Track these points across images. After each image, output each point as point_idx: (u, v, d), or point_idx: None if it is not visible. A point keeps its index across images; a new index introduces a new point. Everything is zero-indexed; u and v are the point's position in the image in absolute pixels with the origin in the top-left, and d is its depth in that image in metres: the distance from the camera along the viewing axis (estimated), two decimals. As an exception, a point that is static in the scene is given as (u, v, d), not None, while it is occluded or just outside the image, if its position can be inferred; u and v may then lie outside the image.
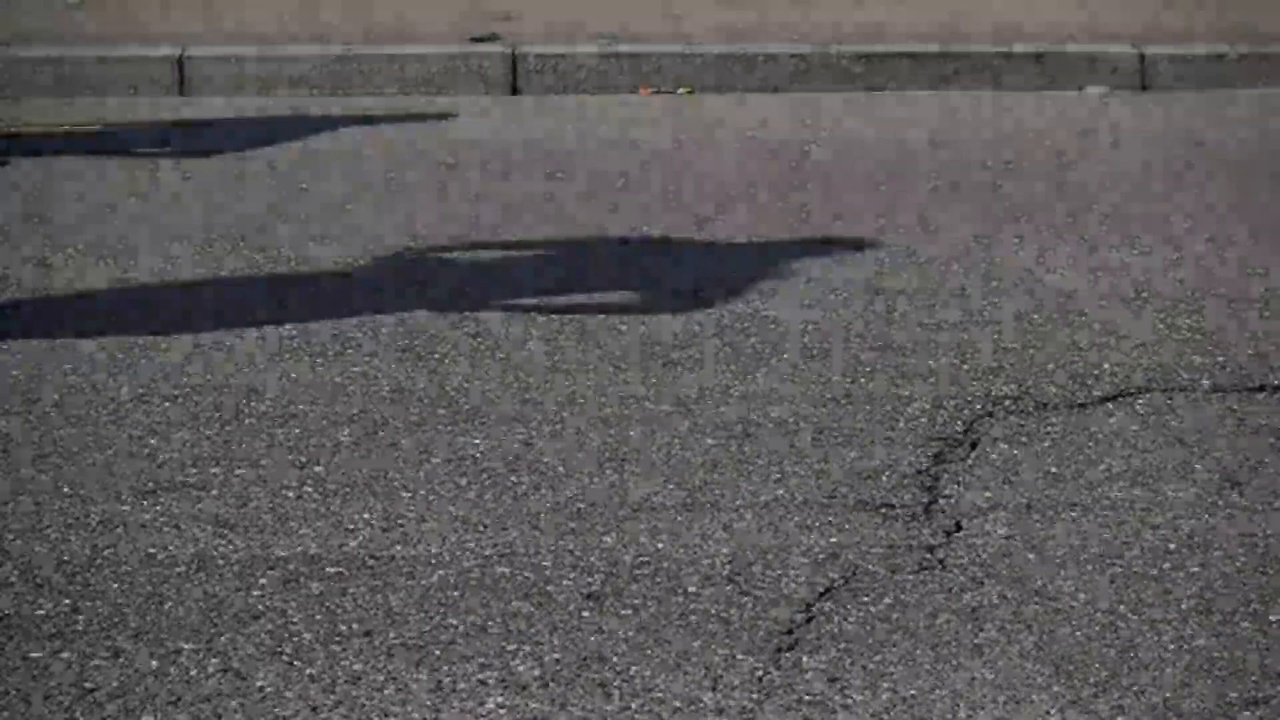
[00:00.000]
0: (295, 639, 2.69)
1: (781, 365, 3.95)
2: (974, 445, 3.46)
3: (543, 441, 3.49)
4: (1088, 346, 4.07)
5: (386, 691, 2.55)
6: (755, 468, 3.35)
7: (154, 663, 2.62)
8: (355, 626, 2.73)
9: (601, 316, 4.32)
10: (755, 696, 2.53)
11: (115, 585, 2.87)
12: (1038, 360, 3.97)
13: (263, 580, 2.89)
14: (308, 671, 2.60)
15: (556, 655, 2.64)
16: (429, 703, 2.51)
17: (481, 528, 3.09)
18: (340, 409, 3.68)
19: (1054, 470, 3.34)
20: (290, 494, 3.24)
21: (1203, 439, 3.49)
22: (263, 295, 4.51)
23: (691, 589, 2.85)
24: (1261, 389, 3.80)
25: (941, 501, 3.20)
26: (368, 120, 6.98)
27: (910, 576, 2.90)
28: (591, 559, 2.96)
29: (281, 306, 4.40)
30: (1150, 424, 3.59)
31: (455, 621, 2.75)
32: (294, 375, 3.90)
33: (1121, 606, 2.79)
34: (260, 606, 2.80)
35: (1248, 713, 2.49)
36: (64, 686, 2.56)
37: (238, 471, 3.34)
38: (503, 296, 4.50)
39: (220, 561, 2.96)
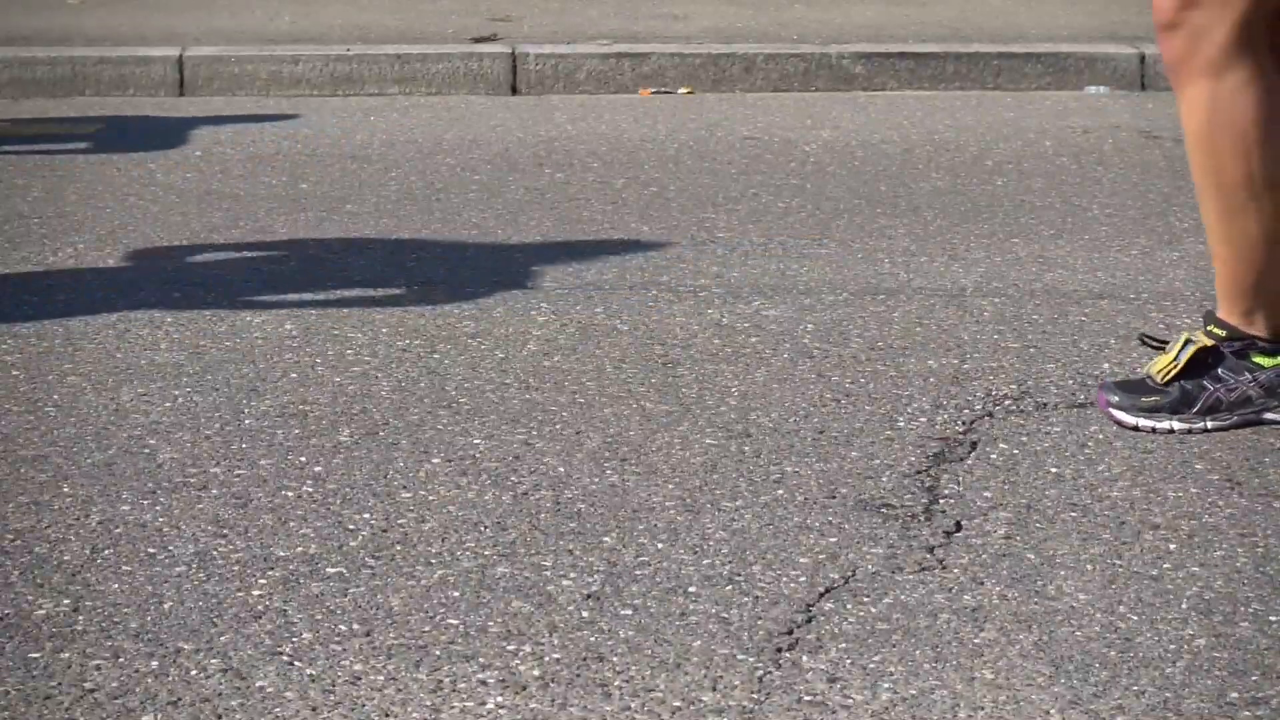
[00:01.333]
0: (295, 639, 2.69)
1: (781, 365, 3.95)
2: (974, 445, 3.46)
3: (543, 441, 3.49)
4: (1088, 346, 4.08)
5: (386, 691, 2.55)
6: (755, 468, 3.35)
7: (154, 663, 2.62)
8: (355, 626, 2.73)
9: (601, 316, 4.32)
10: (755, 696, 2.53)
11: (115, 585, 2.87)
12: (1038, 360, 3.97)
13: (263, 580, 2.89)
14: (308, 671, 2.60)
15: (556, 655, 2.64)
16: (429, 703, 2.51)
17: (482, 528, 3.09)
18: (340, 409, 3.68)
19: (1054, 470, 3.34)
20: (290, 494, 3.24)
21: (1203, 439, 3.48)
22: (263, 294, 4.52)
23: (691, 589, 2.85)
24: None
25: (941, 501, 3.20)
26: (367, 119, 6.99)
27: (910, 576, 2.90)
28: (591, 559, 2.96)
29: (281, 306, 4.41)
30: (1150, 424, 3.59)
31: (455, 621, 2.75)
32: (294, 375, 3.90)
33: (1121, 606, 2.79)
34: (260, 606, 2.80)
35: (1247, 713, 2.49)
36: (64, 686, 2.56)
37: (238, 471, 3.34)
38: (503, 296, 4.50)
39: (220, 561, 2.96)
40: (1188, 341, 3.53)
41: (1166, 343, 3.66)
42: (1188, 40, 3.34)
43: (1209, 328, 3.53)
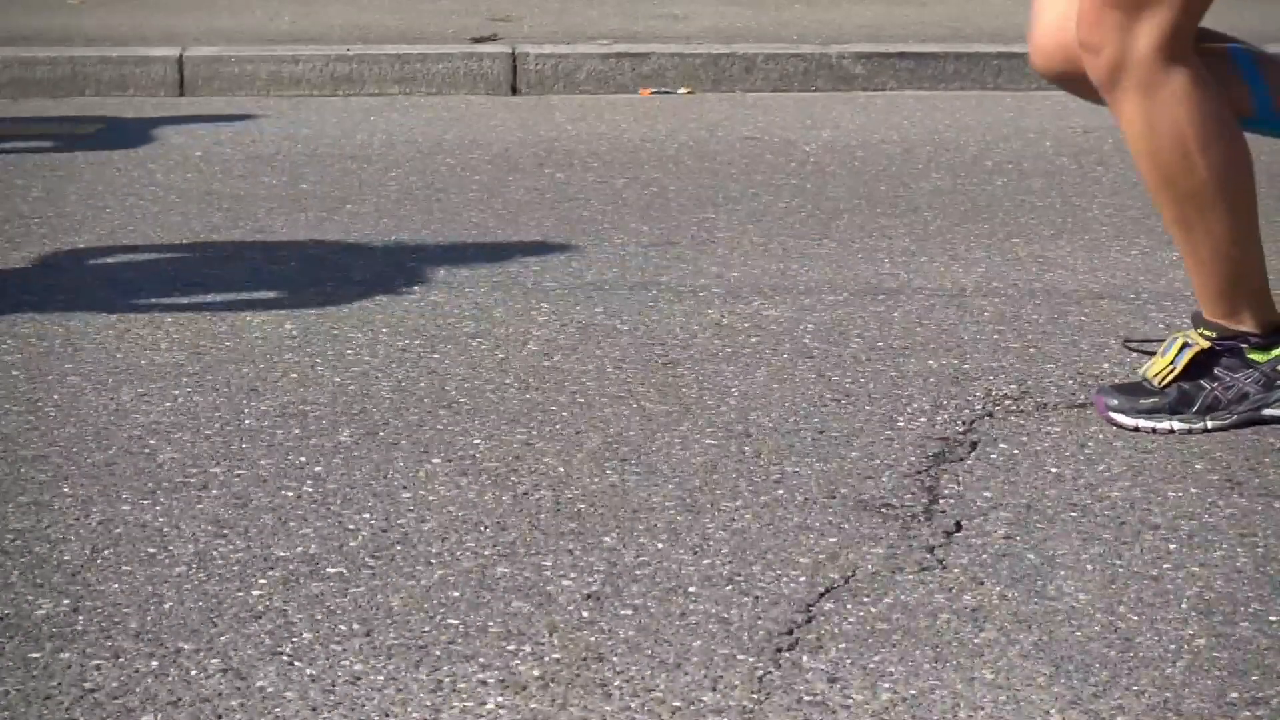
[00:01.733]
0: (295, 639, 2.69)
1: (781, 365, 3.95)
2: (974, 445, 3.46)
3: (543, 441, 3.49)
4: (1088, 346, 4.08)
5: (386, 691, 2.55)
6: (755, 468, 3.35)
7: (154, 663, 2.62)
8: (355, 626, 2.73)
9: (601, 316, 4.32)
10: (755, 696, 2.53)
11: (115, 585, 2.87)
12: (1038, 360, 3.97)
13: (263, 580, 2.89)
14: (308, 671, 2.60)
15: (556, 655, 2.64)
16: (429, 703, 2.51)
17: (482, 528, 3.09)
18: (340, 409, 3.68)
19: (1054, 470, 3.34)
20: (290, 494, 3.24)
21: (1203, 439, 3.48)
22: (263, 294, 4.52)
23: (691, 589, 2.85)
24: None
25: (941, 501, 3.20)
26: (367, 119, 6.99)
27: (910, 576, 2.90)
28: (591, 559, 2.96)
29: (281, 306, 4.41)
30: (1150, 424, 3.59)
31: (455, 621, 2.75)
32: (294, 375, 3.90)
33: (1121, 607, 2.79)
34: (260, 606, 2.80)
35: (1247, 713, 2.49)
36: (64, 686, 2.56)
37: (238, 471, 3.34)
38: (502, 296, 4.50)
39: (220, 561, 2.96)
40: (1185, 346, 3.52)
41: (1153, 343, 3.65)
42: (1114, 57, 3.33)
43: (1199, 330, 3.53)
